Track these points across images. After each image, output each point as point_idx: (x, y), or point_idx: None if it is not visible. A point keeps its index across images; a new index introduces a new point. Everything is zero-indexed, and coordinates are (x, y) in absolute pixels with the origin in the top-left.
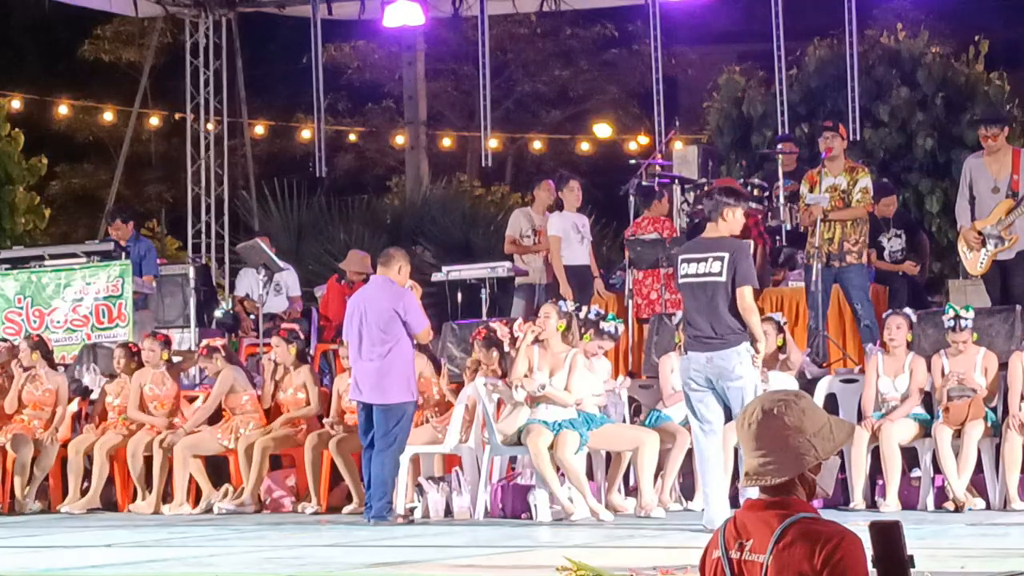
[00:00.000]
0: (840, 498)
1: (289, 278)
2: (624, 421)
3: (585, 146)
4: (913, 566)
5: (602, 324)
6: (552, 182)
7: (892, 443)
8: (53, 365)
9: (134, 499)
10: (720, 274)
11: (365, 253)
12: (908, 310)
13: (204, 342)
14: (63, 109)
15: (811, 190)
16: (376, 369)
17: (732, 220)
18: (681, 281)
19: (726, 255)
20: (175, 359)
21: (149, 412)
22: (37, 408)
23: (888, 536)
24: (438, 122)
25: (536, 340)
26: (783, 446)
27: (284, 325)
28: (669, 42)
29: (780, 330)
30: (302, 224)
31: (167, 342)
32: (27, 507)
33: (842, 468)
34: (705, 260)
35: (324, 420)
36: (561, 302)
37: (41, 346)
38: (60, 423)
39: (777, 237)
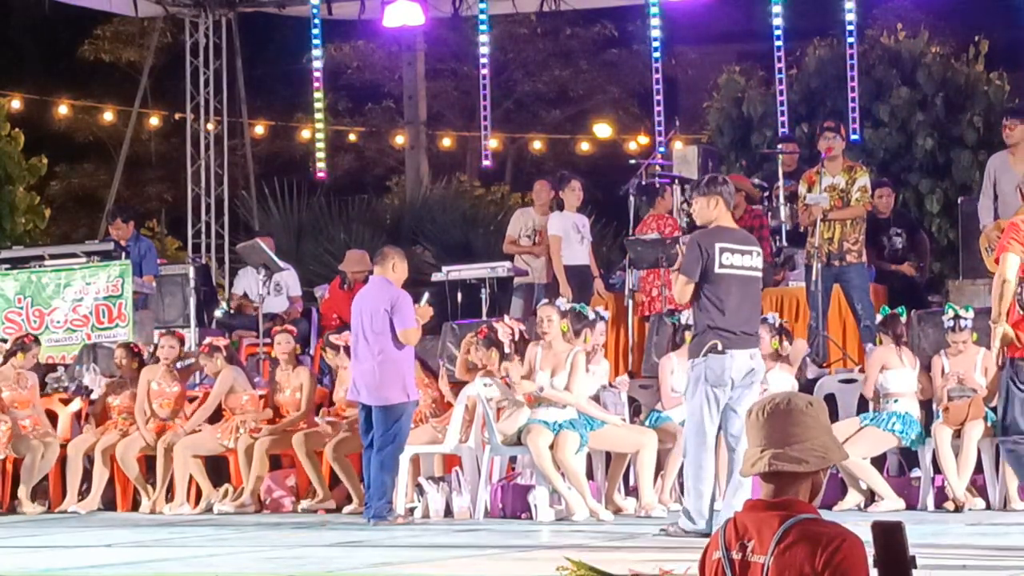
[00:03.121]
0: (839, 496)
1: (289, 278)
2: (624, 421)
3: (585, 146)
4: (915, 567)
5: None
6: (547, 181)
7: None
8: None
9: (135, 501)
10: (760, 270)
11: (363, 251)
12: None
13: (208, 340)
14: (63, 109)
15: (809, 190)
16: (371, 370)
17: None
18: (723, 271)
19: (761, 251)
20: (186, 361)
21: (153, 410)
22: (24, 407)
23: (890, 537)
24: (438, 122)
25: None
26: (814, 437)
27: (286, 326)
28: (669, 42)
29: (775, 332)
30: (302, 224)
31: (182, 341)
32: (28, 508)
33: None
34: (750, 253)
35: (316, 417)
36: (558, 300)
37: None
38: (63, 424)
39: (777, 237)
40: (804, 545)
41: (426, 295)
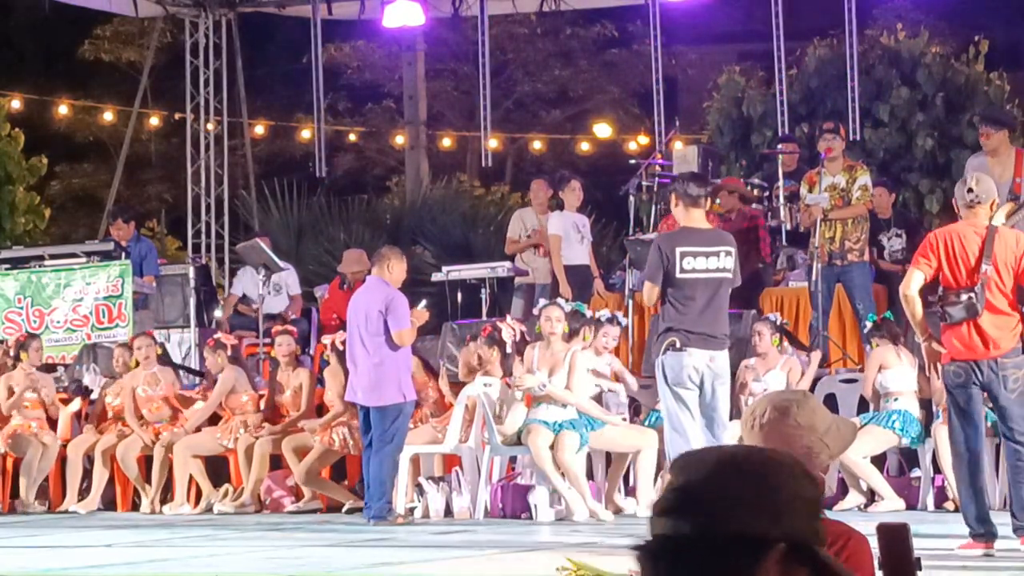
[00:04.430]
0: (839, 496)
1: (289, 277)
2: (624, 421)
3: (585, 146)
4: (920, 569)
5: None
6: (544, 181)
7: None
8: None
9: (135, 501)
10: (730, 270)
11: (361, 251)
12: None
13: (218, 335)
14: (63, 109)
15: (810, 190)
16: (367, 371)
17: None
18: (685, 276)
19: (733, 250)
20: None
21: (142, 415)
22: (36, 407)
23: (895, 538)
24: (438, 122)
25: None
26: (795, 445)
27: (287, 327)
28: (669, 42)
29: (776, 330)
30: (302, 224)
31: (154, 338)
32: (29, 507)
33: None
34: (716, 255)
35: (301, 422)
36: (559, 300)
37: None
38: (63, 424)
39: (777, 237)
40: None
41: (423, 302)
